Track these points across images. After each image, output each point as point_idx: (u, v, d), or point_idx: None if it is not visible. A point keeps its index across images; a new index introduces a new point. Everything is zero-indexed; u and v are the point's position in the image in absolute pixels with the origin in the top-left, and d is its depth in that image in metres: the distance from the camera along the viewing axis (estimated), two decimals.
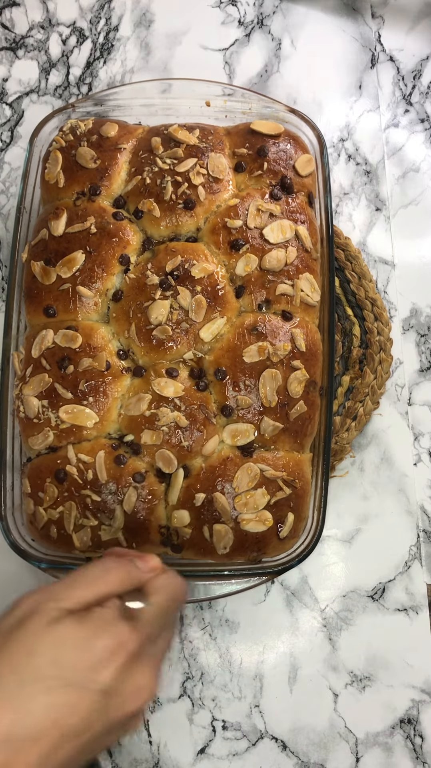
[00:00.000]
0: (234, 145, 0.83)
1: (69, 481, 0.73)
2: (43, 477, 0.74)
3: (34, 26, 1.05)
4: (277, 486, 0.73)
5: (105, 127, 0.83)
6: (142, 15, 1.06)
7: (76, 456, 0.73)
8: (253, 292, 0.77)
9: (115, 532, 0.73)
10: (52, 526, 0.74)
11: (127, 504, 0.72)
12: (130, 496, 0.72)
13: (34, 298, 0.79)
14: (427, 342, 0.96)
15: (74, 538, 0.73)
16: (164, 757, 0.84)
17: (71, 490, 0.73)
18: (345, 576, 0.89)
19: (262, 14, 1.06)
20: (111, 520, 0.73)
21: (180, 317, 0.75)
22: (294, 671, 0.86)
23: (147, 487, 0.73)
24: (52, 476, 0.74)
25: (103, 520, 0.73)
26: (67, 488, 0.73)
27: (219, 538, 0.72)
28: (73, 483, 0.73)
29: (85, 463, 0.73)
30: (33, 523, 0.75)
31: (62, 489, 0.73)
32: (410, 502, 0.90)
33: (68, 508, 0.73)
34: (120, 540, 0.73)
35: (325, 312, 0.81)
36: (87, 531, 0.73)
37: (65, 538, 0.73)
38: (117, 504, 0.73)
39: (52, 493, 0.73)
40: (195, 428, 0.74)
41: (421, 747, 0.85)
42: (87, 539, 0.73)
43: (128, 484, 0.73)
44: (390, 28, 1.05)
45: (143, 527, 0.73)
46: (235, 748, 0.84)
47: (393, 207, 1.00)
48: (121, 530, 0.73)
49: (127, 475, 0.73)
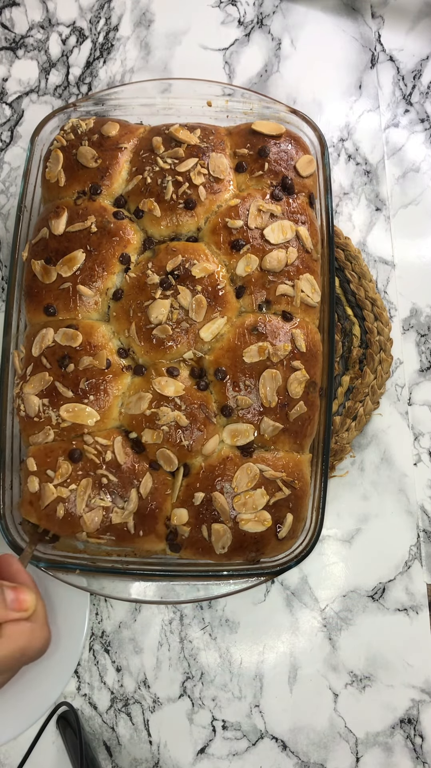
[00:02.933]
0: (236, 145, 0.83)
1: (84, 461, 0.73)
2: (55, 456, 0.74)
3: (34, 26, 1.05)
4: (276, 486, 0.73)
5: (106, 126, 0.83)
6: (141, 15, 1.05)
7: (93, 438, 0.73)
8: (254, 293, 0.77)
9: (127, 516, 0.72)
10: (60, 505, 0.72)
11: (144, 488, 0.72)
12: (146, 481, 0.72)
13: (34, 297, 0.79)
14: (427, 342, 0.96)
15: (85, 518, 0.72)
16: (164, 757, 0.84)
17: (86, 469, 0.73)
18: (345, 576, 0.89)
19: (262, 14, 1.06)
20: (125, 503, 0.72)
21: (180, 317, 0.75)
22: (294, 671, 0.86)
23: (162, 476, 0.74)
24: (65, 455, 0.73)
25: (117, 502, 0.72)
26: (81, 467, 0.73)
27: (217, 538, 0.72)
28: (89, 462, 0.73)
29: (103, 445, 0.73)
30: (34, 502, 0.74)
31: (77, 468, 0.73)
32: (410, 502, 0.90)
33: (84, 486, 0.72)
34: (129, 526, 0.72)
35: (325, 312, 0.81)
36: (99, 511, 0.72)
37: (72, 519, 0.72)
38: (133, 487, 0.73)
39: (65, 470, 0.73)
40: (195, 428, 0.74)
41: (421, 747, 0.85)
42: (98, 520, 0.72)
43: (145, 470, 0.73)
44: (390, 28, 1.05)
45: (153, 516, 0.73)
46: (235, 748, 0.84)
47: (393, 207, 1.00)
48: (133, 515, 0.73)
49: (144, 461, 0.73)
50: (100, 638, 0.87)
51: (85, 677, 0.86)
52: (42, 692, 0.82)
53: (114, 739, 0.85)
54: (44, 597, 0.86)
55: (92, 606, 0.88)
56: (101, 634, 0.87)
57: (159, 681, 0.86)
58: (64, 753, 0.84)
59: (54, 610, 0.85)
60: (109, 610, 0.88)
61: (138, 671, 0.86)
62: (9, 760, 0.84)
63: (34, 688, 0.83)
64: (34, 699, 0.82)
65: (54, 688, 0.83)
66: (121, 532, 0.73)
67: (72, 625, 0.84)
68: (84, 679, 0.86)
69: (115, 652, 0.87)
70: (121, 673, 0.86)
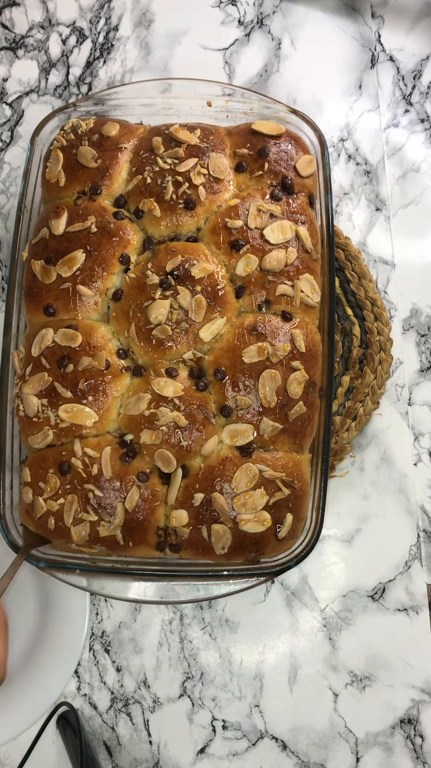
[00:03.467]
0: (236, 145, 0.83)
1: (72, 474, 0.73)
2: (46, 467, 0.74)
3: (34, 26, 1.05)
4: (276, 486, 0.73)
5: (106, 126, 0.83)
6: (141, 15, 1.05)
7: (82, 449, 0.73)
8: (253, 293, 0.77)
9: (114, 530, 0.73)
10: (50, 518, 0.73)
11: (129, 502, 0.72)
12: (132, 495, 0.72)
13: (34, 297, 0.79)
14: (427, 342, 0.96)
15: (72, 531, 0.73)
16: (164, 756, 0.84)
17: (74, 483, 0.73)
18: (345, 576, 0.89)
19: (262, 14, 1.06)
20: (111, 517, 0.73)
21: (180, 317, 0.75)
22: (294, 671, 0.86)
23: (150, 488, 0.73)
24: (55, 467, 0.74)
25: (103, 516, 0.73)
26: (69, 481, 0.73)
27: (217, 538, 0.72)
28: (77, 476, 0.73)
29: (91, 457, 0.73)
30: (30, 513, 0.75)
31: (64, 481, 0.73)
32: (410, 502, 0.90)
33: (69, 501, 0.73)
34: (118, 538, 0.73)
35: (325, 312, 0.81)
36: (86, 525, 0.73)
37: (63, 530, 0.73)
38: (119, 501, 0.73)
39: (54, 484, 0.73)
40: (194, 428, 0.73)
41: (421, 747, 0.85)
42: (85, 534, 0.73)
43: (132, 483, 0.73)
44: (390, 28, 1.05)
45: (141, 527, 0.73)
46: (235, 748, 0.84)
47: (393, 207, 1.00)
48: (120, 528, 0.73)
49: (131, 474, 0.73)
50: (100, 638, 0.87)
51: (85, 677, 0.86)
52: (42, 692, 0.83)
53: (114, 739, 0.85)
54: (44, 597, 0.86)
55: (92, 606, 0.88)
56: (101, 634, 0.87)
57: (159, 681, 0.86)
58: (64, 753, 0.84)
59: (54, 610, 0.85)
60: (109, 610, 0.88)
61: (138, 671, 0.86)
62: (9, 760, 0.84)
63: (34, 688, 0.83)
64: (34, 699, 0.82)
65: (54, 688, 0.83)
66: (110, 543, 0.73)
67: (72, 625, 0.84)
68: (84, 679, 0.86)
69: (115, 652, 0.87)
70: (121, 673, 0.86)
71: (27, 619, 0.86)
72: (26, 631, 0.86)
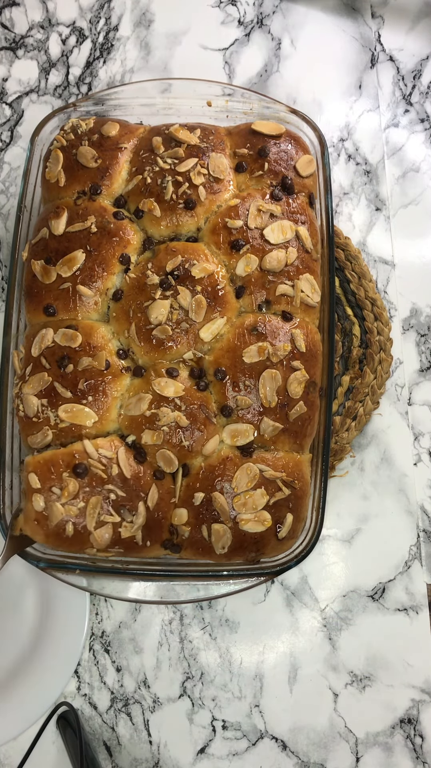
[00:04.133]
0: (236, 145, 0.83)
1: (90, 476, 0.72)
2: (58, 471, 0.72)
3: (33, 26, 1.05)
4: (276, 486, 0.73)
5: (106, 126, 0.83)
6: (141, 15, 1.05)
7: (96, 450, 0.72)
8: (253, 293, 0.77)
9: (136, 530, 0.71)
10: (68, 523, 0.71)
11: (151, 500, 0.72)
12: (153, 493, 0.72)
13: (34, 297, 0.79)
14: (427, 342, 0.96)
15: (95, 535, 0.71)
16: (164, 756, 0.84)
17: (92, 485, 0.72)
18: (345, 576, 0.89)
19: (262, 14, 1.06)
20: (134, 517, 0.72)
21: (180, 317, 0.75)
22: (294, 671, 0.86)
23: (166, 485, 0.73)
24: (69, 470, 0.72)
25: (126, 517, 0.71)
26: (88, 483, 0.72)
27: (217, 538, 0.72)
28: (95, 477, 0.72)
29: (108, 457, 0.72)
30: (41, 521, 0.72)
31: (83, 484, 0.72)
32: (410, 502, 0.90)
33: (93, 504, 0.71)
34: (137, 538, 0.72)
35: (325, 312, 0.81)
36: (109, 528, 0.71)
37: (82, 536, 0.71)
38: (140, 500, 0.72)
39: (73, 487, 0.71)
40: (195, 428, 0.73)
41: (421, 747, 0.85)
42: (108, 537, 0.71)
43: (150, 481, 0.72)
44: (390, 28, 1.05)
45: (159, 526, 0.73)
46: (235, 747, 0.84)
47: (393, 207, 1.00)
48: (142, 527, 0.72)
49: (147, 471, 0.73)
50: (100, 638, 0.87)
51: (85, 677, 0.86)
52: (42, 692, 0.82)
53: (114, 739, 0.85)
54: (44, 597, 0.86)
55: (92, 606, 0.88)
56: (101, 634, 0.87)
57: (159, 681, 0.86)
58: (64, 753, 0.84)
59: (54, 610, 0.85)
60: (109, 610, 0.88)
61: (138, 671, 0.86)
62: (9, 760, 0.84)
63: (34, 688, 0.83)
64: (34, 699, 0.82)
65: (54, 688, 0.83)
66: (129, 544, 0.72)
67: (72, 625, 0.84)
68: (84, 679, 0.86)
69: (115, 652, 0.87)
70: (121, 673, 0.86)
71: (27, 619, 0.86)
72: (26, 631, 0.86)
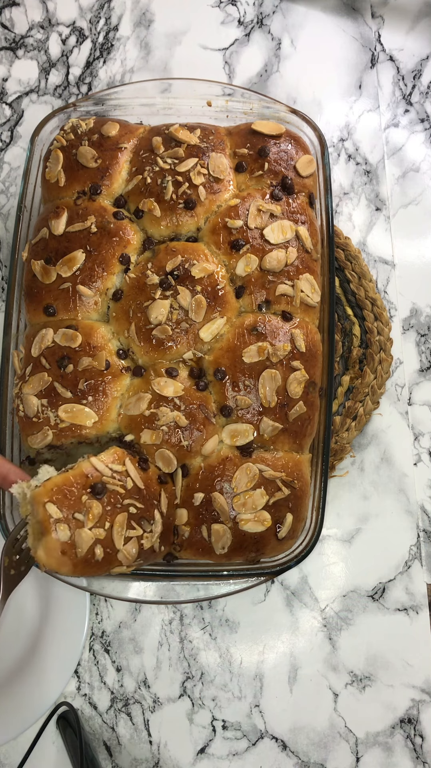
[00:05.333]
0: (236, 145, 0.83)
1: (109, 494, 0.68)
2: (74, 495, 0.66)
3: (33, 26, 1.05)
4: (276, 486, 0.73)
5: (106, 126, 0.83)
6: (141, 15, 1.05)
7: (106, 466, 0.69)
8: (253, 293, 0.77)
9: (156, 539, 0.70)
10: (97, 547, 0.66)
11: (164, 506, 0.71)
12: (164, 498, 0.71)
13: (34, 297, 0.79)
14: (427, 342, 0.96)
15: (123, 552, 0.67)
16: (164, 756, 0.84)
17: (112, 503, 0.67)
18: (345, 576, 0.89)
19: (262, 14, 1.06)
20: (152, 526, 0.70)
21: (180, 317, 0.75)
22: (294, 671, 0.86)
23: (170, 488, 0.73)
24: (87, 493, 0.66)
25: (145, 527, 0.69)
26: (107, 501, 0.67)
27: (217, 538, 0.72)
28: (113, 495, 0.68)
29: (119, 472, 0.69)
30: (68, 551, 0.64)
31: (103, 503, 0.67)
32: (410, 502, 0.90)
33: (120, 522, 0.67)
34: (156, 547, 0.70)
35: (325, 312, 0.81)
36: (134, 543, 0.68)
37: (110, 557, 0.67)
38: (155, 509, 0.70)
39: (97, 510, 0.66)
40: (194, 428, 0.73)
41: (421, 747, 0.85)
42: (135, 551, 0.68)
43: (157, 487, 0.72)
44: (390, 28, 1.05)
45: (169, 528, 0.72)
46: (235, 747, 0.84)
47: (393, 207, 1.00)
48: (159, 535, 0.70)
49: (153, 478, 0.72)
50: (100, 638, 0.87)
51: (85, 677, 0.86)
52: (42, 692, 0.82)
53: (114, 739, 0.85)
54: (44, 597, 0.86)
55: (92, 606, 0.88)
56: (101, 634, 0.87)
57: (159, 681, 0.86)
58: (64, 753, 0.84)
59: (54, 610, 0.85)
60: (109, 610, 0.88)
61: (138, 671, 0.86)
62: (9, 760, 0.84)
63: (34, 688, 0.83)
64: (34, 699, 0.82)
65: (54, 688, 0.83)
66: (149, 554, 0.70)
67: (72, 625, 0.84)
68: (84, 679, 0.86)
69: (115, 652, 0.87)
70: (121, 673, 0.86)
71: (27, 619, 0.86)
72: (26, 631, 0.86)
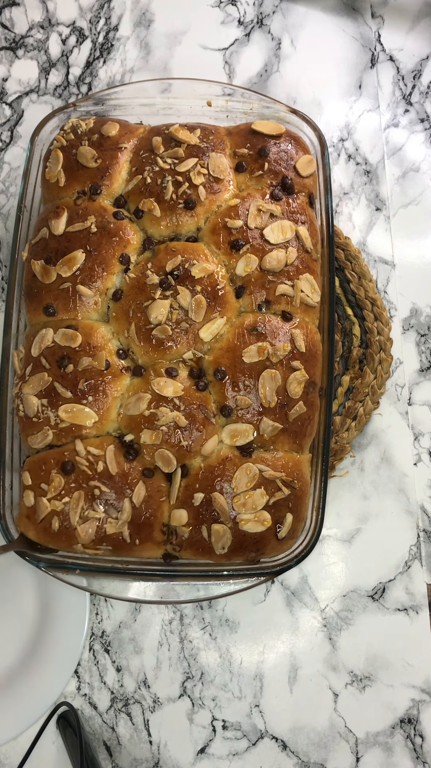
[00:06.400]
0: (236, 145, 0.83)
1: (77, 472, 0.73)
2: (48, 468, 0.74)
3: (33, 26, 1.05)
4: (276, 486, 0.73)
5: (106, 126, 0.83)
6: (141, 15, 1.05)
7: (85, 449, 0.73)
8: (253, 293, 0.77)
9: (121, 526, 0.72)
10: (54, 518, 0.73)
11: (137, 497, 0.72)
12: (139, 490, 0.72)
13: (34, 297, 0.79)
14: (427, 342, 0.96)
15: (79, 530, 0.72)
16: (164, 756, 0.84)
17: (78, 481, 0.73)
18: (345, 576, 0.89)
19: (262, 14, 1.06)
20: (118, 513, 0.72)
21: (180, 317, 0.75)
22: (294, 671, 0.86)
23: (155, 483, 0.73)
24: (58, 467, 0.73)
25: (111, 513, 0.72)
26: (74, 479, 0.73)
27: (217, 538, 0.72)
28: (81, 474, 0.73)
29: (95, 455, 0.73)
30: (31, 516, 0.74)
31: (69, 480, 0.73)
32: (410, 502, 0.90)
33: (76, 498, 0.72)
34: (125, 535, 0.73)
35: (325, 312, 0.81)
36: (93, 523, 0.72)
37: (67, 531, 0.73)
38: (126, 497, 0.72)
39: (58, 483, 0.73)
40: (194, 428, 0.73)
41: (421, 747, 0.85)
42: (92, 532, 0.72)
43: (137, 479, 0.73)
44: (390, 28, 1.05)
45: (148, 524, 0.73)
46: (235, 747, 0.84)
47: (393, 207, 1.00)
48: (127, 524, 0.73)
49: (137, 469, 0.73)
50: (100, 638, 0.87)
51: (85, 677, 0.86)
52: (42, 692, 0.82)
53: (114, 739, 0.85)
54: (44, 597, 0.86)
55: (92, 606, 0.88)
56: (101, 634, 0.87)
57: (159, 681, 0.86)
58: (64, 753, 0.84)
59: (54, 610, 0.85)
60: (109, 610, 0.88)
61: (138, 671, 0.86)
62: (9, 760, 0.84)
63: (34, 688, 0.83)
64: (34, 699, 0.82)
65: (54, 688, 0.83)
66: (116, 541, 0.73)
67: (72, 625, 0.84)
68: (84, 679, 0.86)
69: (115, 652, 0.87)
70: (121, 673, 0.86)
71: (27, 619, 0.86)
72: (26, 631, 0.86)
